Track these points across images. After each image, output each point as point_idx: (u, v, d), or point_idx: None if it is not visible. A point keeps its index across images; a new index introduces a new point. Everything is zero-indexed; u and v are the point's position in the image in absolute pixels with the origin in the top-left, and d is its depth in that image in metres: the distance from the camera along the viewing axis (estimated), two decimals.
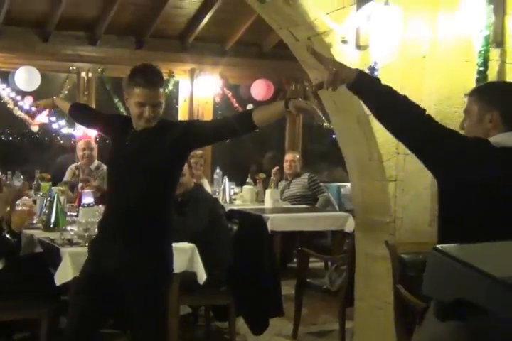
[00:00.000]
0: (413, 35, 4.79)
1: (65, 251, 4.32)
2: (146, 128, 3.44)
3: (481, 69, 4.65)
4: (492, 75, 4.67)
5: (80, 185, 6.54)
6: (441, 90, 4.80)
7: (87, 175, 7.09)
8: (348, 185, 7.91)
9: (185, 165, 5.12)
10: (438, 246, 1.68)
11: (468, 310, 1.65)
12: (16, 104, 8.58)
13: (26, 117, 8.73)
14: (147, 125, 3.42)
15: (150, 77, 3.38)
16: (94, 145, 7.61)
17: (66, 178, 7.23)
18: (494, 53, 4.67)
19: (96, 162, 7.48)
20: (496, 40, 4.66)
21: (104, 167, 7.55)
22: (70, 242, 4.54)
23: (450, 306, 1.65)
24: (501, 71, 4.74)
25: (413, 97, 4.45)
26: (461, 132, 2.91)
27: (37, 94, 8.67)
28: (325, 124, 3.25)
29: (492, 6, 4.58)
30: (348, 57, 4.75)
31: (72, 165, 7.54)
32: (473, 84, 4.68)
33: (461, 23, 4.69)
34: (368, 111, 4.57)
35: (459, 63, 4.78)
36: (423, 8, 4.74)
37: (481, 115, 2.73)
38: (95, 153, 7.55)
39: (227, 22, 9.06)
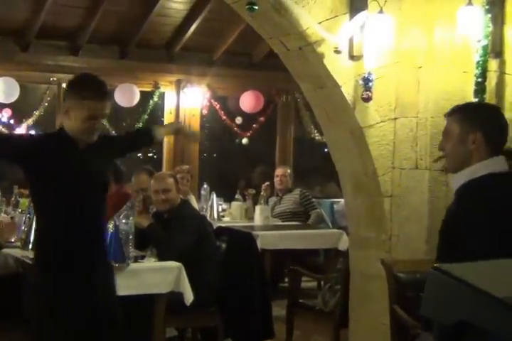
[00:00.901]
0: (408, 45, 4.81)
1: None
2: (89, 144, 3.42)
3: (479, 80, 4.66)
4: (490, 86, 4.69)
5: None
6: (438, 102, 4.81)
7: None
8: (342, 200, 7.92)
9: (172, 180, 5.13)
10: (438, 265, 1.67)
11: (470, 333, 1.64)
12: None
13: (4, 130, 8.69)
14: (91, 139, 3.40)
15: (100, 90, 3.40)
16: None
17: None
18: (493, 64, 4.70)
19: None
20: (495, 50, 4.69)
21: None
22: None
23: (451, 328, 1.64)
24: (500, 82, 4.77)
25: (409, 110, 4.49)
26: (439, 153, 2.86)
27: (15, 106, 8.65)
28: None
29: (490, 15, 4.61)
30: (341, 67, 4.77)
31: None
32: (471, 96, 4.71)
33: (459, 33, 4.72)
34: (361, 124, 4.61)
35: (456, 74, 4.80)
36: (419, 17, 4.77)
37: (463, 136, 2.73)
38: None
39: (215, 31, 9.09)
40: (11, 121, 8.68)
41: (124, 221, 4.67)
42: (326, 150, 10.36)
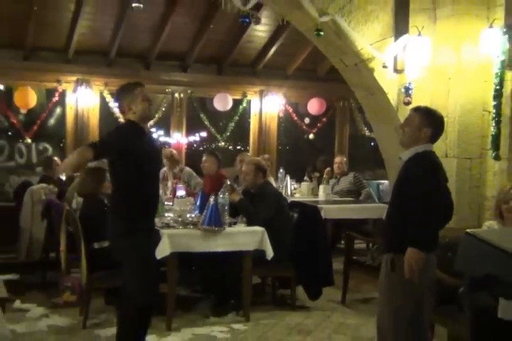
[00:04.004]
0: (441, 60, 4.68)
1: (164, 232, 4.35)
2: (149, 131, 3.68)
3: (498, 88, 4.51)
4: (506, 93, 4.53)
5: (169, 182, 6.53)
6: (464, 105, 4.68)
7: (173, 178, 6.97)
8: (386, 182, 7.80)
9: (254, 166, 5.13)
10: (469, 230, 1.62)
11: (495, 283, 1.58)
12: None
13: None
14: (151, 117, 3.83)
15: (137, 81, 3.61)
16: (169, 153, 7.20)
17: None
18: (509, 75, 4.53)
19: (179, 166, 7.37)
20: (510, 63, 4.51)
21: (188, 169, 7.40)
22: (168, 225, 4.58)
23: (480, 280, 1.59)
24: None
25: (441, 111, 4.36)
26: (398, 133, 3.29)
27: None
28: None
29: (507, 36, 4.44)
30: (387, 79, 4.68)
31: (162, 170, 7.40)
32: (490, 100, 4.56)
33: (481, 50, 4.56)
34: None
35: (479, 83, 4.66)
36: (449, 38, 4.63)
37: (420, 127, 3.19)
38: (175, 158, 7.40)
39: (289, 53, 9.03)
40: None
41: (221, 196, 4.71)
42: (372, 143, 10.25)
